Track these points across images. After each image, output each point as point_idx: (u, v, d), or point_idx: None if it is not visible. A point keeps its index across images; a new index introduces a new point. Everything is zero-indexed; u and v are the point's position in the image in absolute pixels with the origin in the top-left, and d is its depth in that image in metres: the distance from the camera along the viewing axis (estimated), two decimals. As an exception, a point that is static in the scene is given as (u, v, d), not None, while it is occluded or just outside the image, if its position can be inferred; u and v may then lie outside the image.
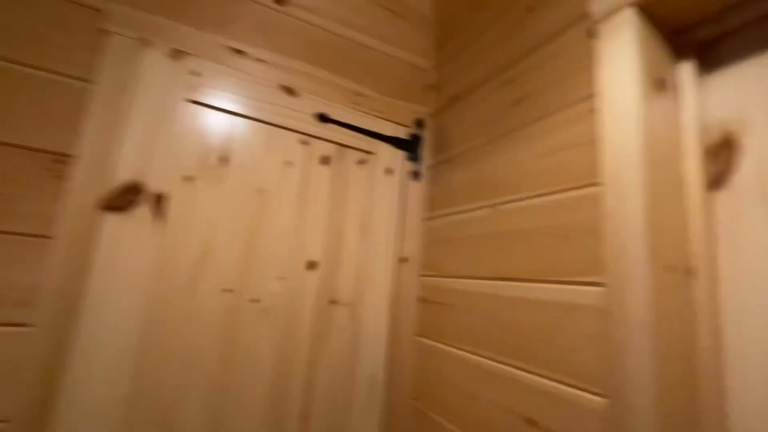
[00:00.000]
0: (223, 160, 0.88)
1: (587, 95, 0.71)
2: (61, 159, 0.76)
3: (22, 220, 0.72)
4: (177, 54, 0.85)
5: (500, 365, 0.78)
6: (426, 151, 1.17)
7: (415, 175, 1.14)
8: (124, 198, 0.77)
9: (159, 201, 0.80)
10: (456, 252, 0.99)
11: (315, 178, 0.99)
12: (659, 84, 0.64)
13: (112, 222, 0.76)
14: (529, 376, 0.71)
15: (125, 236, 0.77)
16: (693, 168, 0.62)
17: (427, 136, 1.18)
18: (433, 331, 1.02)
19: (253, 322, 0.87)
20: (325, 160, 1.01)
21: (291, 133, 0.97)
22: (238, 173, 0.90)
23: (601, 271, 0.62)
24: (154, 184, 0.80)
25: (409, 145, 1.14)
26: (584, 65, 0.72)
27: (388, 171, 1.10)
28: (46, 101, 0.76)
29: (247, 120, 0.92)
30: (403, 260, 1.09)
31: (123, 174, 0.78)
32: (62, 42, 0.79)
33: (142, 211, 0.79)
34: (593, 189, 0.66)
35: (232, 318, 0.85)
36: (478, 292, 0.88)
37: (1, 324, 0.69)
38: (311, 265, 0.96)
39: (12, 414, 0.68)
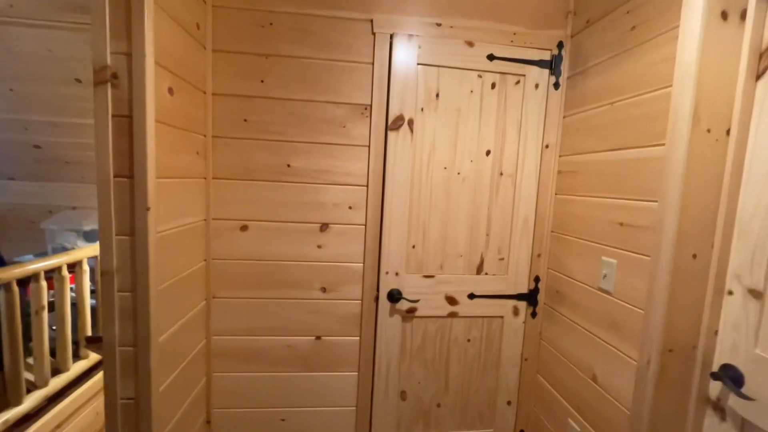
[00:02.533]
0: (437, 95, 1.57)
1: (674, 26, 1.10)
2: (366, 107, 1.57)
3: (356, 138, 1.58)
4: (410, 37, 1.52)
5: (606, 198, 1.35)
6: (564, 67, 1.62)
7: (556, 85, 1.63)
8: (396, 123, 1.56)
9: (410, 123, 1.57)
10: (584, 137, 1.51)
11: (487, 97, 1.61)
12: (723, 15, 1.01)
13: (391, 136, 1.56)
14: (622, 201, 1.28)
15: (398, 143, 1.57)
16: (745, 66, 1.02)
17: (565, 55, 1.62)
18: (566, 189, 1.61)
19: (458, 184, 1.63)
20: (493, 86, 1.60)
21: (471, 72, 1.58)
22: (445, 102, 1.58)
23: (664, 136, 1.11)
24: (407, 114, 1.56)
25: (552, 64, 1.61)
26: (675, 3, 1.10)
27: (535, 86, 1.62)
28: (357, 78, 1.55)
29: (447, 69, 1.56)
30: (546, 146, 1.66)
31: (393, 110, 1.55)
32: (357, 44, 1.54)
33: (404, 129, 1.56)
34: (668, 89, 1.11)
35: (447, 182, 1.62)
36: (597, 161, 1.42)
37: (354, 185, 1.60)
38: (487, 153, 1.63)
39: (367, 221, 1.61)
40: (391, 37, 1.53)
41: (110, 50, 1.03)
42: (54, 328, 2.03)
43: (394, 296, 1.63)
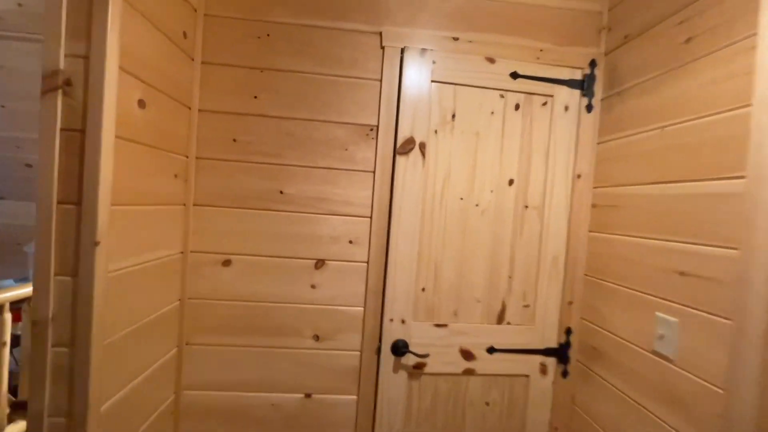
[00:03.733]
0: (453, 116, 1.38)
1: (750, 34, 0.90)
2: (372, 128, 1.38)
3: (359, 163, 1.38)
4: (423, 52, 1.35)
5: (659, 240, 1.11)
6: (597, 87, 1.43)
7: (589, 108, 1.43)
8: (405, 147, 1.36)
9: (422, 147, 1.37)
10: (624, 166, 1.30)
11: (510, 120, 1.41)
12: (818, 18, 0.81)
13: (400, 161, 1.36)
14: (681, 245, 1.04)
15: (407, 169, 1.37)
16: None
17: (599, 74, 1.43)
18: (602, 225, 1.38)
19: (477, 218, 1.41)
20: (516, 107, 1.41)
21: (493, 90, 1.39)
22: (461, 124, 1.39)
23: (743, 168, 0.89)
24: (418, 137, 1.36)
25: (583, 84, 1.42)
26: (750, 8, 0.91)
27: (566, 108, 1.42)
28: (362, 95, 1.37)
29: (465, 87, 1.38)
30: (578, 176, 1.44)
31: (403, 132, 1.36)
32: (363, 59, 1.37)
33: (415, 154, 1.36)
34: (746, 109, 0.90)
35: (464, 215, 1.40)
36: (643, 194, 1.19)
37: (356, 216, 1.39)
38: (510, 182, 1.42)
39: (369, 258, 1.39)
40: (402, 51, 1.36)
41: (65, 52, 0.86)
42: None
43: (400, 348, 1.38)
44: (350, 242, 1.39)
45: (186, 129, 1.30)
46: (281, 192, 1.37)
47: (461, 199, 1.40)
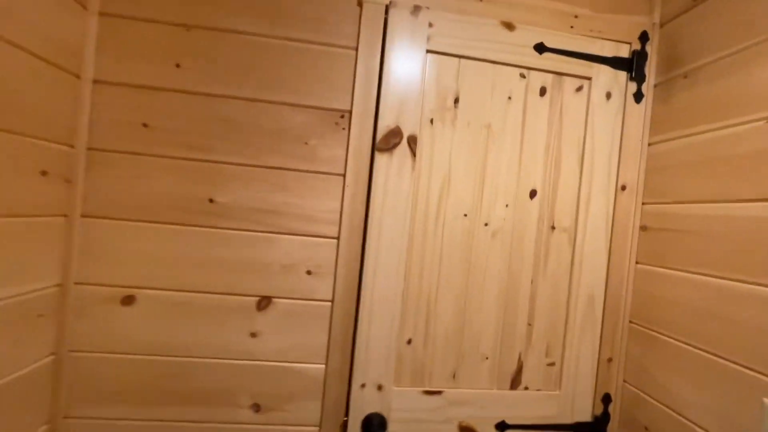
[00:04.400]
0: (456, 101, 1.00)
1: None
2: (343, 114, 0.99)
3: (324, 163, 0.99)
4: (416, 11, 0.97)
5: (757, 286, 0.73)
6: (650, 68, 1.06)
7: (638, 96, 1.06)
8: (389, 141, 0.97)
9: (411, 142, 0.98)
10: (690, 176, 0.92)
11: (533, 110, 1.03)
12: None
13: (380, 161, 0.97)
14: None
15: (391, 172, 0.97)
16: None
17: (651, 51, 1.06)
18: (655, 256, 1.00)
19: (486, 242, 1.02)
20: (542, 92, 1.03)
21: (510, 68, 1.01)
22: (468, 112, 1.01)
23: None
24: (407, 128, 0.98)
25: (631, 64, 1.06)
26: None
27: (607, 95, 1.05)
28: (331, 69, 0.99)
29: (473, 62, 1.00)
30: (622, 188, 1.06)
31: (386, 121, 0.97)
32: (334, 19, 0.99)
33: (402, 151, 0.97)
34: None
35: (469, 237, 1.01)
36: (722, 216, 0.82)
37: (318, 236, 0.99)
38: (532, 194, 1.04)
39: (335, 296, 0.99)
40: (387, 9, 0.98)
41: None
42: None
43: (375, 426, 0.97)
44: (308, 273, 0.99)
45: (70, 107, 0.90)
46: (211, 200, 0.97)
47: (465, 215, 1.01)
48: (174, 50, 0.95)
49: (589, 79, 1.05)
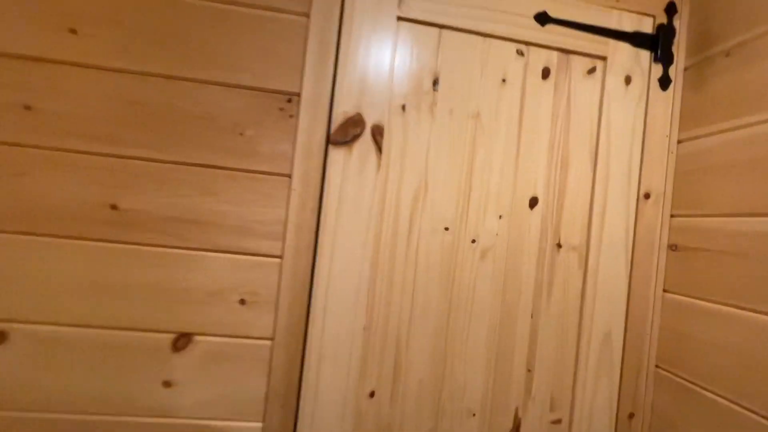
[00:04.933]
0: (435, 83, 0.78)
1: None
2: (290, 98, 0.77)
3: (264, 159, 0.77)
4: (383, -36, 0.76)
5: None
6: (680, 48, 0.85)
7: (664, 82, 0.85)
8: (347, 132, 0.75)
9: (377, 134, 0.76)
10: (736, 181, 0.71)
11: (533, 96, 0.82)
12: None
13: (335, 157, 0.75)
14: None
15: (350, 172, 0.75)
16: None
17: (681, 26, 0.85)
18: (687, 283, 0.78)
19: (473, 264, 0.79)
20: (545, 73, 0.82)
21: (505, 42, 0.80)
22: (450, 98, 0.79)
23: None
24: (371, 116, 0.76)
25: (655, 42, 0.84)
26: None
27: (626, 79, 0.84)
28: (273, 40, 0.77)
29: (457, 33, 0.79)
30: (645, 196, 0.84)
31: (344, 106, 0.75)
32: (278, -25, 0.77)
33: (364, 146, 0.75)
34: None
35: (451, 258, 0.79)
36: (808, 235, 0.60)
37: (256, 254, 0.77)
38: (533, 202, 0.81)
39: (275, 333, 0.76)
40: (348, -36, 0.77)
41: None
42: None
43: None
44: (242, 302, 0.76)
45: None
46: (114, 207, 0.74)
47: (446, 229, 0.79)
48: (68, 11, 0.73)
49: (604, 59, 0.83)
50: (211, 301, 0.76)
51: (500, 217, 0.80)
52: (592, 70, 0.83)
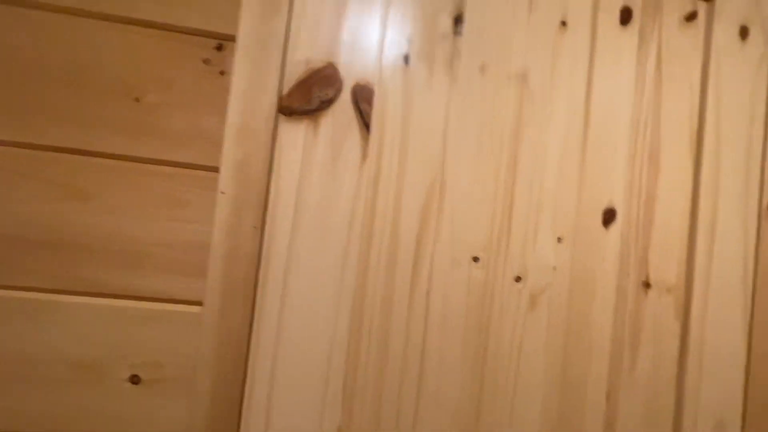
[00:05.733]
0: (458, 21, 0.49)
1: None
2: (219, 43, 0.47)
3: (174, 140, 0.47)
4: None
5: None
6: (817, -13, 0.57)
7: (796, 36, 0.56)
8: (309, 94, 0.45)
9: (359, 98, 0.46)
10: None
11: (608, 50, 0.53)
12: None
13: (293, 135, 0.45)
14: None
15: (315, 160, 0.45)
16: None
17: (818, -44, 0.57)
18: None
19: (518, 315, 0.49)
20: (624, 16, 0.53)
21: (567, -36, 0.51)
22: (481, 46, 0.49)
23: None
24: (351, 70, 0.46)
25: (782, -22, 0.56)
26: None
27: (741, 31, 0.55)
28: (191, -53, 0.47)
29: (493, -58, 0.50)
30: (771, 208, 0.56)
31: (306, 52, 0.45)
32: None
33: (338, 117, 0.45)
34: None
35: (483, 305, 0.48)
36: None
37: (158, 299, 0.46)
38: (607, 216, 0.52)
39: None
40: None
41: None
42: None
43: None
44: (134, 381, 0.45)
45: None
46: None
47: (475, 260, 0.49)
48: None
49: (712, 0, 0.55)
50: (84, 378, 0.45)
51: (559, 240, 0.50)
52: (691, 16, 0.55)
